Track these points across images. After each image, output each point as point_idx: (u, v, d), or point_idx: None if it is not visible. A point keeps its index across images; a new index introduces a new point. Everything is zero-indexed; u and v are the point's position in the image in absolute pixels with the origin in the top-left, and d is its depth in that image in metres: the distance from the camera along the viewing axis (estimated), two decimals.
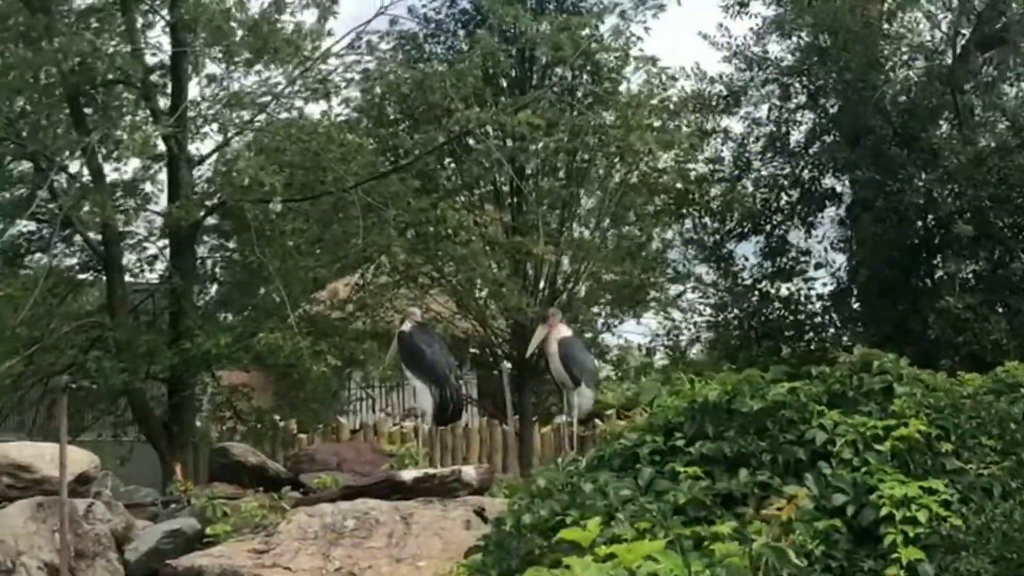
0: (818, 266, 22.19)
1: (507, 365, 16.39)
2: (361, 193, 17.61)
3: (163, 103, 18.87)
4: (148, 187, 20.00)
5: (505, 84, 21.43)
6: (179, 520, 12.30)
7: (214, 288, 21.62)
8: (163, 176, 19.51)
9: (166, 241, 19.57)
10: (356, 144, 18.64)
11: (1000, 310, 19.40)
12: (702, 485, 6.63)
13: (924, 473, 6.62)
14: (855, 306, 21.88)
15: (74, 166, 19.15)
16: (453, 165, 21.84)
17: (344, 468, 14.91)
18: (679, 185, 22.09)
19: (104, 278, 19.31)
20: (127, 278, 19.46)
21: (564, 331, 14.31)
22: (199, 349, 17.31)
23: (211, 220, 20.30)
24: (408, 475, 12.48)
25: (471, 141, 20.51)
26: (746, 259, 22.49)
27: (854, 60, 20.33)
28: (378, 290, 20.74)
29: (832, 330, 21.97)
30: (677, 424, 7.21)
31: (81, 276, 20.32)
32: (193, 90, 19.22)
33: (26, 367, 18.03)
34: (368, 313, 20.50)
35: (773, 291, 22.21)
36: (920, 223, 20.24)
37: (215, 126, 19.37)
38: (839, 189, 22.15)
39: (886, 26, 21.61)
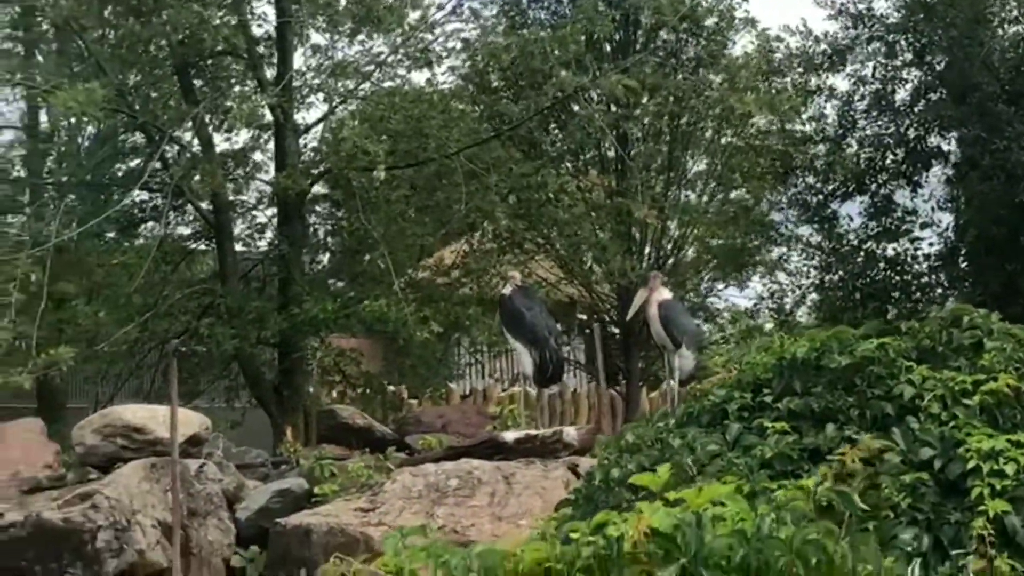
0: (924, 226, 21.98)
1: (597, 327, 16.44)
2: (464, 159, 17.77)
3: (269, 73, 19.13)
4: (257, 156, 20.31)
5: (609, 49, 21.44)
6: (288, 480, 12.60)
7: (325, 257, 21.94)
8: (271, 146, 19.81)
9: (275, 210, 19.90)
10: (458, 111, 18.78)
11: None
12: (789, 440, 6.68)
13: (1013, 427, 6.62)
14: (963, 266, 21.63)
15: (185, 137, 19.52)
16: (557, 131, 21.92)
17: (448, 430, 15.14)
18: (781, 146, 21.96)
19: (215, 246, 19.70)
20: (237, 246, 19.82)
21: (664, 294, 14.33)
22: (307, 315, 17.61)
23: (320, 189, 20.58)
24: (510, 436, 12.65)
25: (575, 107, 20.55)
26: (850, 219, 22.34)
27: (961, 16, 20.07)
28: (483, 256, 20.93)
29: (939, 290, 21.75)
30: (765, 381, 7.26)
31: (193, 244, 20.74)
32: (298, 60, 19.46)
33: (141, 333, 18.39)
34: (473, 279, 20.70)
35: (879, 252, 22.02)
36: None
37: (320, 95, 19.61)
38: (945, 147, 21.91)
39: None
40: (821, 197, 22.34)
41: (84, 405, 19.96)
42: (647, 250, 21.93)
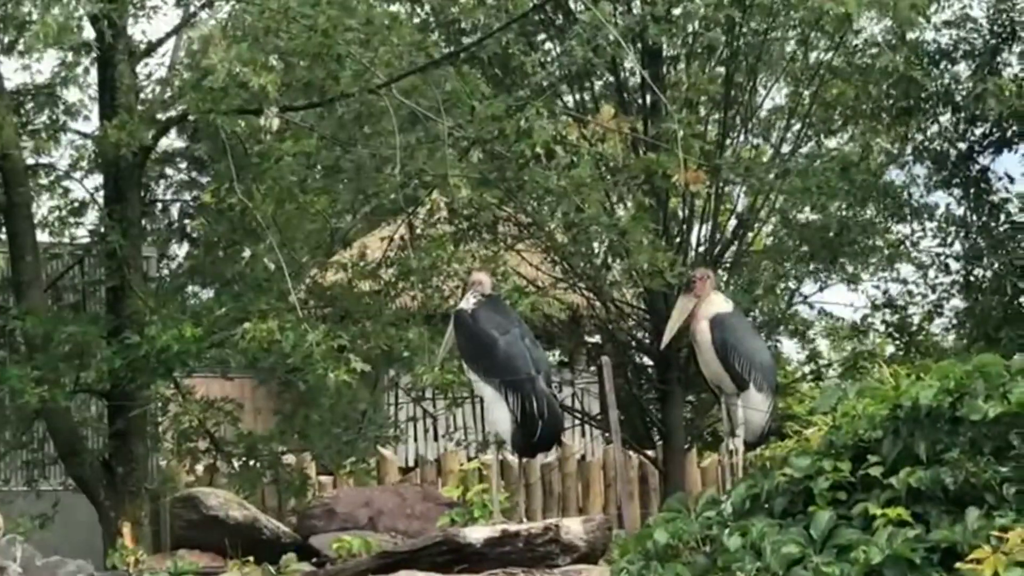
0: None
1: (607, 359, 16.52)
2: (398, 94, 17.84)
3: None
4: (72, 95, 20.36)
5: None
6: None
7: (182, 252, 21.99)
8: (94, 78, 19.85)
9: (100, 178, 19.94)
10: (389, 17, 18.84)
11: None
12: (909, 535, 6.81)
13: None
14: None
15: None
16: (549, 47, 22.02)
17: (380, 525, 15.26)
18: (902, 68, 21.97)
19: (4, 237, 19.72)
20: (41, 236, 19.84)
21: (720, 304, 14.40)
22: (153, 345, 17.62)
23: (171, 144, 20.68)
24: (477, 534, 12.71)
25: (576, 6, 20.62)
26: (1010, 180, 22.46)
27: None
28: (431, 245, 20.97)
29: None
30: (872, 442, 7.37)
31: None
32: None
33: None
34: (416, 283, 20.78)
35: None
36: None
37: None
38: None
39: None
40: (964, 146, 22.45)
41: None
42: (694, 234, 22.05)
